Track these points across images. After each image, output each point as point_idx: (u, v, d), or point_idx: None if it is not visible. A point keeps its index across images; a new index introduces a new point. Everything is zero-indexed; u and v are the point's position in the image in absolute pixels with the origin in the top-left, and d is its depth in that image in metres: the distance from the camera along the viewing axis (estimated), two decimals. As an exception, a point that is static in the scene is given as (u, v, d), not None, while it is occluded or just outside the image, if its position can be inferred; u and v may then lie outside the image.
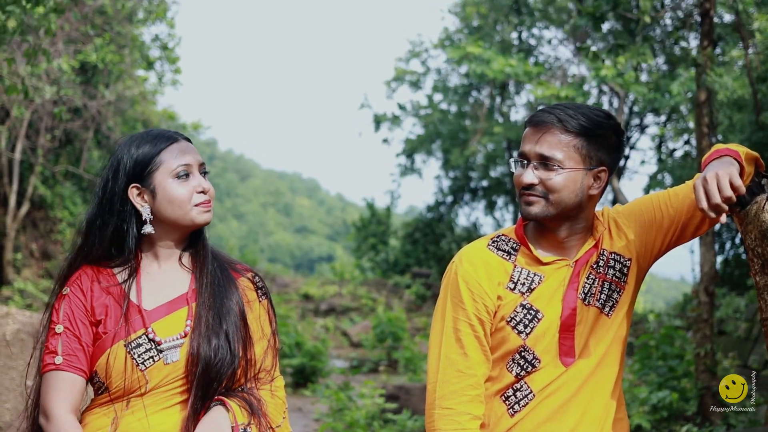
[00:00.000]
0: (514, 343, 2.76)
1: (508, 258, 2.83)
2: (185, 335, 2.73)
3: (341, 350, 18.96)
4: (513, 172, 2.83)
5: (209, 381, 2.71)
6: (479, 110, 23.92)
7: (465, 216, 28.51)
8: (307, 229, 64.09)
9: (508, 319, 2.77)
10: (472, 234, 26.78)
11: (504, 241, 2.87)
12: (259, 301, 2.89)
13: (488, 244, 2.87)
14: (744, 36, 9.22)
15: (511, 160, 2.83)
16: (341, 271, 24.71)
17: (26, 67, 6.92)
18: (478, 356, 2.77)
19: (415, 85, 25.42)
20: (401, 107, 25.64)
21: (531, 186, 2.74)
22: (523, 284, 2.79)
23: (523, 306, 2.77)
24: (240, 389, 2.78)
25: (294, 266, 50.07)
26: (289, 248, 59.68)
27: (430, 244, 26.88)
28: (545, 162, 2.72)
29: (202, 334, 2.72)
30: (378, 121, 24.99)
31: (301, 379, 13.66)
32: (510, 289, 2.79)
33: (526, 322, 2.76)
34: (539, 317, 2.76)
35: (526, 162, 2.76)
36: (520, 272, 2.80)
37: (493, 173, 26.78)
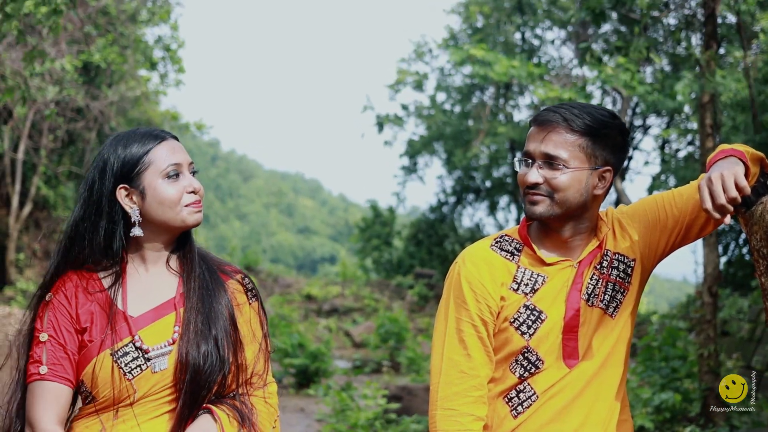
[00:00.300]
0: (518, 344, 2.75)
1: (511, 258, 2.81)
2: (173, 342, 2.64)
3: (344, 351, 18.98)
4: (517, 172, 2.81)
5: (198, 388, 2.63)
6: (482, 111, 23.91)
7: (468, 217, 28.53)
8: (309, 229, 64.14)
9: (512, 320, 2.75)
10: (475, 234, 26.77)
11: (507, 241, 2.85)
12: (249, 304, 2.80)
13: (491, 245, 2.85)
14: (743, 37, 9.19)
15: (516, 159, 2.82)
16: (344, 272, 24.73)
17: (27, 69, 6.91)
18: (481, 357, 2.76)
19: (419, 86, 25.41)
20: (404, 107, 25.62)
21: (536, 185, 2.72)
22: (527, 285, 2.77)
23: (526, 307, 2.76)
24: (231, 396, 2.71)
25: (296, 267, 50.13)
26: (291, 249, 59.73)
27: (434, 245, 26.88)
28: (550, 161, 2.70)
29: (191, 340, 2.63)
30: (381, 122, 24.96)
31: (304, 379, 13.65)
32: (513, 289, 2.77)
33: (530, 323, 2.74)
34: (543, 318, 2.74)
35: (530, 161, 2.74)
36: (524, 273, 2.78)
37: (495, 174, 26.78)
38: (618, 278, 2.79)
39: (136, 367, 2.60)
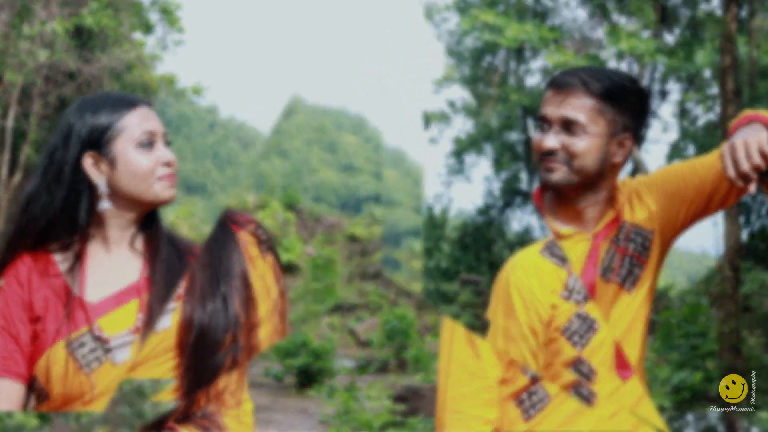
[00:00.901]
0: (569, 354, 2.62)
1: (562, 265, 2.67)
2: (136, 330, 2.40)
3: (348, 349, 19.02)
4: (530, 138, 2.55)
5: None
6: (493, 76, 23.92)
7: (517, 221, 28.61)
8: (353, 167, 64.12)
9: (563, 330, 2.63)
10: (524, 239, 26.83)
11: (557, 245, 2.72)
12: (263, 257, 2.55)
13: (541, 250, 2.72)
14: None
15: (532, 125, 2.57)
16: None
17: (14, 30, 6.67)
18: (490, 358, 2.65)
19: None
20: (451, 105, 25.62)
21: (552, 152, 2.58)
22: (579, 293, 2.65)
23: (578, 316, 2.63)
24: (201, 415, 2.46)
25: (339, 206, 50.29)
26: (333, 187, 59.96)
27: (482, 251, 26.94)
28: (568, 126, 2.57)
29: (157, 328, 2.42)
30: (428, 119, 24.87)
31: (306, 379, 13.53)
32: (565, 297, 2.64)
33: (582, 333, 2.63)
34: (595, 328, 2.63)
35: (547, 126, 2.60)
36: (576, 280, 2.66)
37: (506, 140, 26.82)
38: (635, 252, 2.66)
39: (94, 360, 2.36)
